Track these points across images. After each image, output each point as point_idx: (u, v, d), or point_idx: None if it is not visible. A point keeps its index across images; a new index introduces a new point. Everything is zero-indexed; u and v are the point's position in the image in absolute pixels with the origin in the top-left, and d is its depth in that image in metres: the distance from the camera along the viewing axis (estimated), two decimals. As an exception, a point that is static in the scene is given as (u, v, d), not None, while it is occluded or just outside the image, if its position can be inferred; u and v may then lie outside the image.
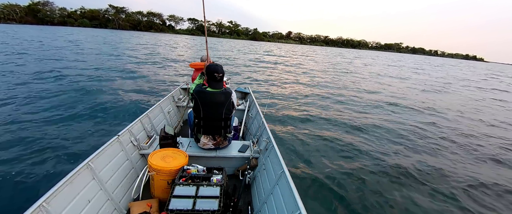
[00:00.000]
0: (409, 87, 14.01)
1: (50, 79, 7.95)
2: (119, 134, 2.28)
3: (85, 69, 10.19)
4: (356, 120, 6.45)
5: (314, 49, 79.01)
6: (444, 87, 15.38)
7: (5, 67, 9.34)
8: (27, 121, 4.45)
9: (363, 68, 24.16)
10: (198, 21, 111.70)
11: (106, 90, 7.10)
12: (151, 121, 3.08)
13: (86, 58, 14.01)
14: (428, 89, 13.57)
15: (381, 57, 56.01)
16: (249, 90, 4.94)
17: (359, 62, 32.74)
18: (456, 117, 7.83)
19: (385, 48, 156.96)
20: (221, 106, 2.32)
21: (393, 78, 17.51)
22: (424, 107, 8.81)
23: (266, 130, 2.78)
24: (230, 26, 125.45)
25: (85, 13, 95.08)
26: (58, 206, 1.48)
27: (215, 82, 2.30)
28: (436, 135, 5.84)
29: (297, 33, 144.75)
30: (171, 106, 4.02)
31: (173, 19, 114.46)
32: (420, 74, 22.74)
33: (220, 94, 2.30)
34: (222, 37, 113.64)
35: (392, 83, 15.01)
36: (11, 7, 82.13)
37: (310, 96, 9.14)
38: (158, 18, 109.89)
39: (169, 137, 2.45)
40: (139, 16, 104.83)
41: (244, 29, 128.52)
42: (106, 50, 19.22)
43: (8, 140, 3.75)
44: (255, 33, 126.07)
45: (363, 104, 8.49)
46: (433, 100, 10.53)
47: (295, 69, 17.84)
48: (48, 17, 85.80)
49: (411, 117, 7.34)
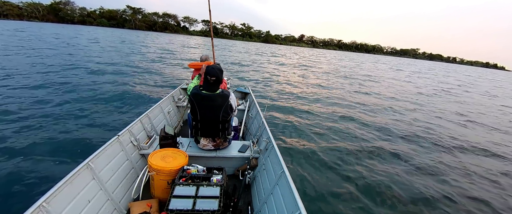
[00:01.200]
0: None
1: (52, 79, 7.95)
2: (119, 134, 2.28)
3: (89, 69, 10.19)
4: (361, 121, 6.45)
5: (322, 52, 77.02)
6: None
7: (7, 63, 9.34)
8: (27, 121, 4.45)
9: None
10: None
11: (106, 90, 7.09)
12: (151, 121, 3.08)
13: (94, 56, 14.03)
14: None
15: (402, 63, 51.04)
16: (249, 90, 4.94)
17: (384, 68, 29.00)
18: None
19: (401, 54, 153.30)
20: (218, 109, 2.26)
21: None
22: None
23: (266, 130, 2.78)
24: (242, 28, 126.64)
25: (103, 13, 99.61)
26: (58, 206, 1.48)
27: (209, 86, 2.24)
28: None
29: (309, 36, 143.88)
30: (171, 106, 4.01)
31: (187, 21, 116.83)
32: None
33: (217, 96, 2.24)
34: (234, 39, 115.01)
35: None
36: (34, 6, 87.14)
37: (310, 96, 9.14)
38: (173, 19, 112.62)
39: (169, 137, 2.44)
40: (155, 17, 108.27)
41: (256, 31, 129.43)
42: (112, 49, 19.22)
43: (8, 140, 3.74)
44: (267, 36, 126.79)
45: (369, 107, 8.49)
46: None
47: (297, 70, 17.82)
48: (68, 16, 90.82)
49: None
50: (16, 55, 11.99)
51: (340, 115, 6.86)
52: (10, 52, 12.62)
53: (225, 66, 16.38)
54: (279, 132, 5.03)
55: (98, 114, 5.19)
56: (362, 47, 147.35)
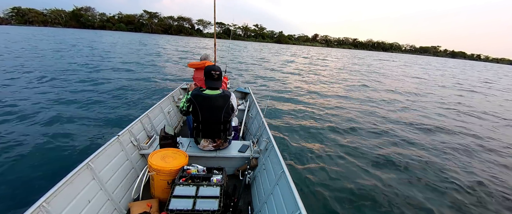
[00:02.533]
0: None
1: (55, 79, 7.95)
2: (119, 134, 2.28)
3: (93, 70, 10.20)
4: (361, 121, 6.45)
5: (331, 51, 75.10)
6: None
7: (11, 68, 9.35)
8: (27, 120, 4.46)
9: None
10: (224, 24, 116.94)
11: (106, 90, 7.10)
12: (151, 121, 3.08)
13: (102, 59, 14.06)
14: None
15: (417, 62, 47.11)
16: (249, 90, 4.94)
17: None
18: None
19: (420, 52, 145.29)
20: (220, 109, 2.27)
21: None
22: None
23: (266, 130, 2.78)
24: (255, 29, 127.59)
25: (122, 18, 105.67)
26: (58, 206, 1.48)
27: (212, 81, 2.25)
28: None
29: (323, 35, 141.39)
30: (171, 106, 4.01)
31: (201, 23, 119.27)
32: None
33: (218, 97, 2.25)
34: (247, 40, 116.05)
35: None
36: (57, 12, 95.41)
37: (311, 97, 9.14)
38: (188, 23, 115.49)
39: (169, 137, 2.44)
40: (170, 20, 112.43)
41: (269, 32, 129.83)
42: (121, 51, 19.26)
43: (8, 139, 3.75)
44: (280, 36, 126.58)
45: (371, 102, 8.49)
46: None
47: (300, 70, 17.82)
48: (89, 22, 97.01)
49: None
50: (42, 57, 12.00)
51: (340, 115, 6.86)
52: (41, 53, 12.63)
53: (234, 65, 16.46)
54: (279, 132, 5.03)
55: (98, 114, 5.19)
56: (379, 46, 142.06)
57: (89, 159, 1.82)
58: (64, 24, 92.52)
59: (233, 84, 8.33)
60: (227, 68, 4.81)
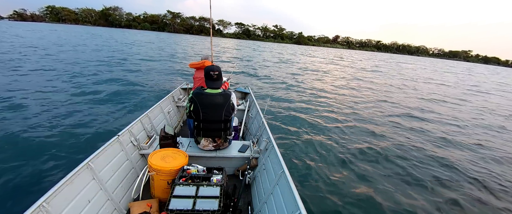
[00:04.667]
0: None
1: (58, 78, 7.95)
2: (119, 134, 2.28)
3: (96, 70, 10.19)
4: (362, 121, 6.45)
5: (348, 53, 72.08)
6: None
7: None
8: (26, 120, 4.45)
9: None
10: (244, 25, 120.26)
11: (106, 91, 7.10)
12: (151, 121, 3.08)
13: (107, 58, 14.09)
14: None
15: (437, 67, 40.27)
16: (249, 90, 4.93)
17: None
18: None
19: (449, 56, 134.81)
20: (221, 108, 2.29)
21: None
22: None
23: (266, 130, 2.78)
24: (275, 30, 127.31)
25: (147, 18, 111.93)
26: (58, 206, 1.49)
27: (212, 82, 2.28)
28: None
29: (345, 37, 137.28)
30: (171, 106, 4.01)
31: (221, 24, 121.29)
32: None
33: (219, 95, 2.28)
34: (266, 40, 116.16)
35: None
36: (88, 12, 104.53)
37: (311, 97, 9.14)
38: (208, 23, 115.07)
39: (169, 137, 2.44)
40: (192, 20, 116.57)
41: (288, 33, 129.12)
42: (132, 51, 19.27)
43: (8, 139, 3.75)
44: (299, 37, 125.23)
45: (368, 107, 8.49)
46: None
47: (299, 70, 17.81)
48: (117, 21, 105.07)
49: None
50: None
51: (341, 115, 6.87)
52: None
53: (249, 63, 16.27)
54: (279, 132, 5.03)
55: (98, 114, 5.19)
56: (404, 49, 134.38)
57: (89, 159, 1.82)
58: (94, 23, 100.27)
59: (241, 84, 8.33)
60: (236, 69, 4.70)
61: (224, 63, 18.00)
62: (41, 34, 29.72)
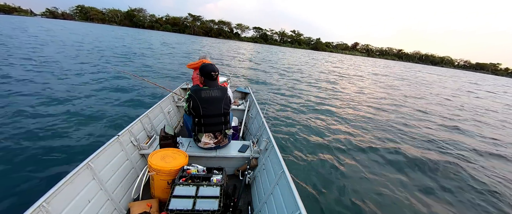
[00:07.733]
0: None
1: (56, 79, 7.95)
2: (119, 134, 2.28)
3: (97, 70, 10.18)
4: (362, 122, 6.45)
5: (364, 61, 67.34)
6: None
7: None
8: (26, 120, 4.45)
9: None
10: (262, 29, 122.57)
11: (107, 90, 7.09)
12: (151, 121, 3.08)
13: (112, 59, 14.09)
14: None
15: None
16: (249, 90, 4.93)
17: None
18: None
19: (476, 68, 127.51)
20: (219, 101, 2.36)
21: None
22: None
23: (266, 130, 2.78)
24: (292, 35, 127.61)
25: (169, 20, 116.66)
26: (58, 206, 1.49)
27: (212, 81, 2.37)
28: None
29: (364, 44, 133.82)
30: (171, 106, 4.01)
31: (239, 28, 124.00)
32: None
33: (217, 89, 2.37)
34: (283, 45, 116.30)
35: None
36: (114, 12, 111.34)
37: (311, 96, 9.14)
38: (227, 26, 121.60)
39: (169, 137, 2.44)
40: (211, 24, 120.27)
41: (306, 38, 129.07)
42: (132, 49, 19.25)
43: (8, 139, 3.74)
44: (317, 43, 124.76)
45: (367, 107, 8.49)
46: None
47: (299, 69, 17.81)
48: (140, 22, 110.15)
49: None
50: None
51: (341, 115, 6.86)
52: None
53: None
54: (279, 132, 5.03)
55: (98, 113, 5.19)
56: (427, 59, 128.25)
57: (89, 159, 1.82)
58: (119, 23, 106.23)
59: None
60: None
61: (225, 67, 17.92)
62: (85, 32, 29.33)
